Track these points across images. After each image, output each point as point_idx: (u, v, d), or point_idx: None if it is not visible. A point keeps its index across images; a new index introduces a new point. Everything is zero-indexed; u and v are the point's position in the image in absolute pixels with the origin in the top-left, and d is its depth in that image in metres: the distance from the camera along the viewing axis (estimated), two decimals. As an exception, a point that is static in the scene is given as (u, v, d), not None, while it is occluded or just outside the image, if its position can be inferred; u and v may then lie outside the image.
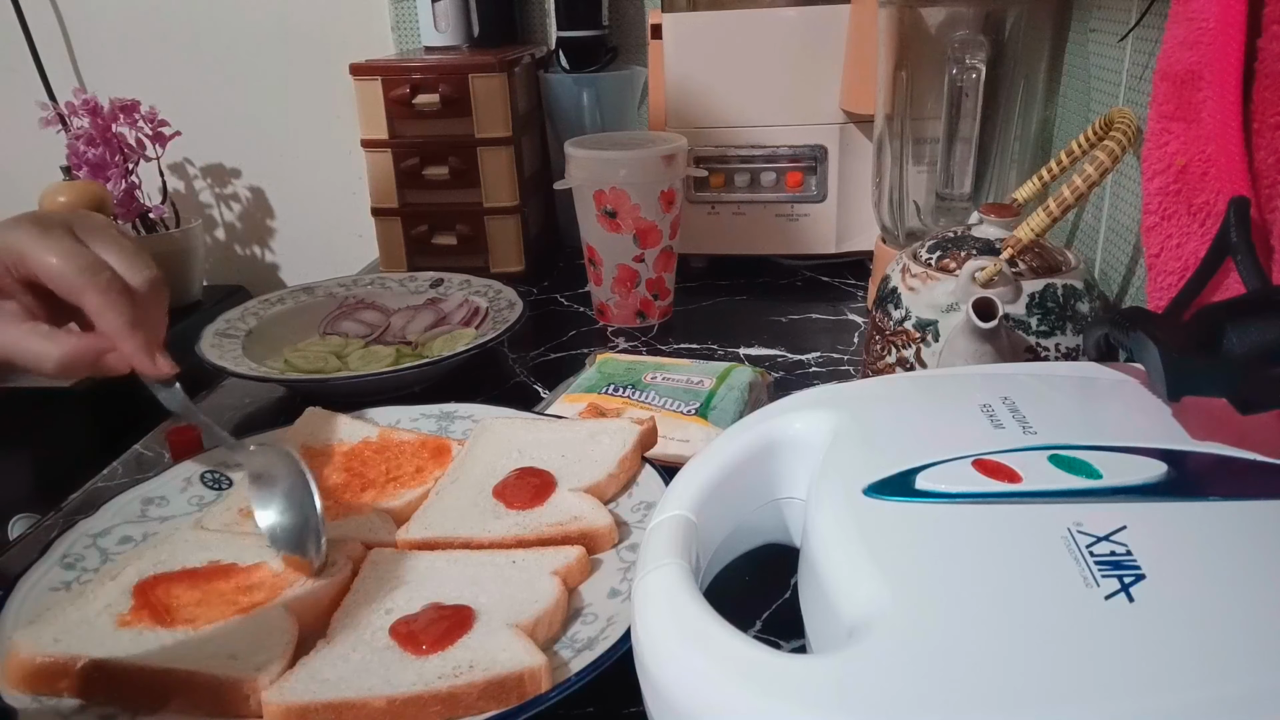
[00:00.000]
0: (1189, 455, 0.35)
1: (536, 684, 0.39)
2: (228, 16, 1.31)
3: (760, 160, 0.93)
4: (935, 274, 0.58)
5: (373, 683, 0.39)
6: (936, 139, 0.76)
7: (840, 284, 0.95)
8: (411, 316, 0.84)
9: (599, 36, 1.07)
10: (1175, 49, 0.48)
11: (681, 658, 0.30)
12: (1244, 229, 0.42)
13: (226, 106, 1.35)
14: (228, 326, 0.78)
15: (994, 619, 0.28)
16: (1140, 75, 0.62)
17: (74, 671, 0.40)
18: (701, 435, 0.59)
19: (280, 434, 0.60)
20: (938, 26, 0.74)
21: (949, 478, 0.34)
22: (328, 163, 1.35)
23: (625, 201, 0.80)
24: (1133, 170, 0.63)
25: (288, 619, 0.43)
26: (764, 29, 0.89)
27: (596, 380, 0.67)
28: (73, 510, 0.60)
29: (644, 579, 0.34)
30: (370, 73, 0.94)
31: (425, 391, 0.72)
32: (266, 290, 0.88)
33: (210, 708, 0.40)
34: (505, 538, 0.49)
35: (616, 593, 0.46)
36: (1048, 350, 0.55)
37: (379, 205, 0.99)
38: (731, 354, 0.79)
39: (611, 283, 0.84)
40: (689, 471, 0.40)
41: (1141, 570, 0.29)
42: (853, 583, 0.31)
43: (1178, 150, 0.48)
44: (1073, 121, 0.77)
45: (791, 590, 0.47)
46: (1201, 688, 0.25)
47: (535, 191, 1.05)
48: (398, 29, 1.24)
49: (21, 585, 0.47)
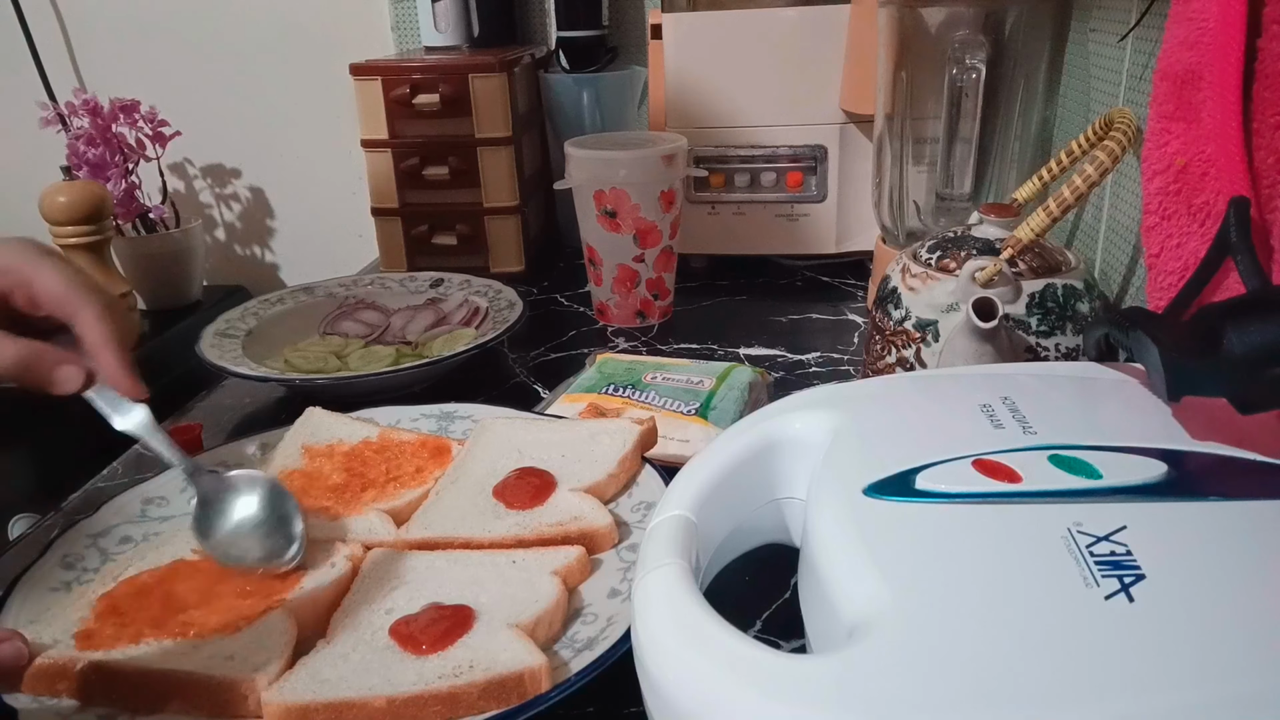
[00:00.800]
0: (1189, 455, 0.35)
1: (537, 684, 0.39)
2: (228, 16, 1.31)
3: (760, 160, 0.93)
4: (935, 274, 0.58)
5: (373, 682, 0.39)
6: (936, 139, 0.76)
7: (840, 284, 0.95)
8: (411, 316, 0.84)
9: (599, 36, 1.07)
10: (1175, 49, 0.48)
11: (681, 658, 0.30)
12: (1244, 229, 0.42)
13: (226, 106, 1.35)
14: (228, 326, 0.78)
15: (994, 619, 0.28)
16: (1140, 75, 0.62)
17: (73, 672, 0.40)
18: (701, 435, 0.59)
19: (282, 436, 0.60)
20: (938, 26, 0.74)
21: (949, 478, 0.34)
22: (328, 163, 1.35)
23: (625, 201, 0.80)
24: (1133, 170, 0.63)
25: (287, 619, 0.43)
26: (764, 29, 0.89)
27: (596, 380, 0.67)
28: (73, 510, 0.60)
29: (644, 579, 0.34)
30: (370, 73, 0.94)
31: (425, 391, 0.72)
32: (266, 290, 0.88)
33: (209, 708, 0.40)
34: (505, 538, 0.49)
35: (616, 593, 0.46)
36: (1048, 350, 0.55)
37: (379, 205, 0.99)
38: (731, 354, 0.79)
39: (611, 283, 0.84)
40: (689, 471, 0.40)
41: (1141, 570, 0.29)
42: (853, 583, 0.31)
43: (1178, 150, 0.48)
44: (1073, 121, 0.77)
45: (791, 590, 0.47)
46: (1201, 688, 0.25)
47: (535, 191, 1.05)
48: (398, 29, 1.24)
49: (21, 585, 0.47)
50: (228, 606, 0.45)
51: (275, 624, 0.43)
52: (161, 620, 0.43)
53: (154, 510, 0.54)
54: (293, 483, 0.55)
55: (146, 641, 0.42)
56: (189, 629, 0.43)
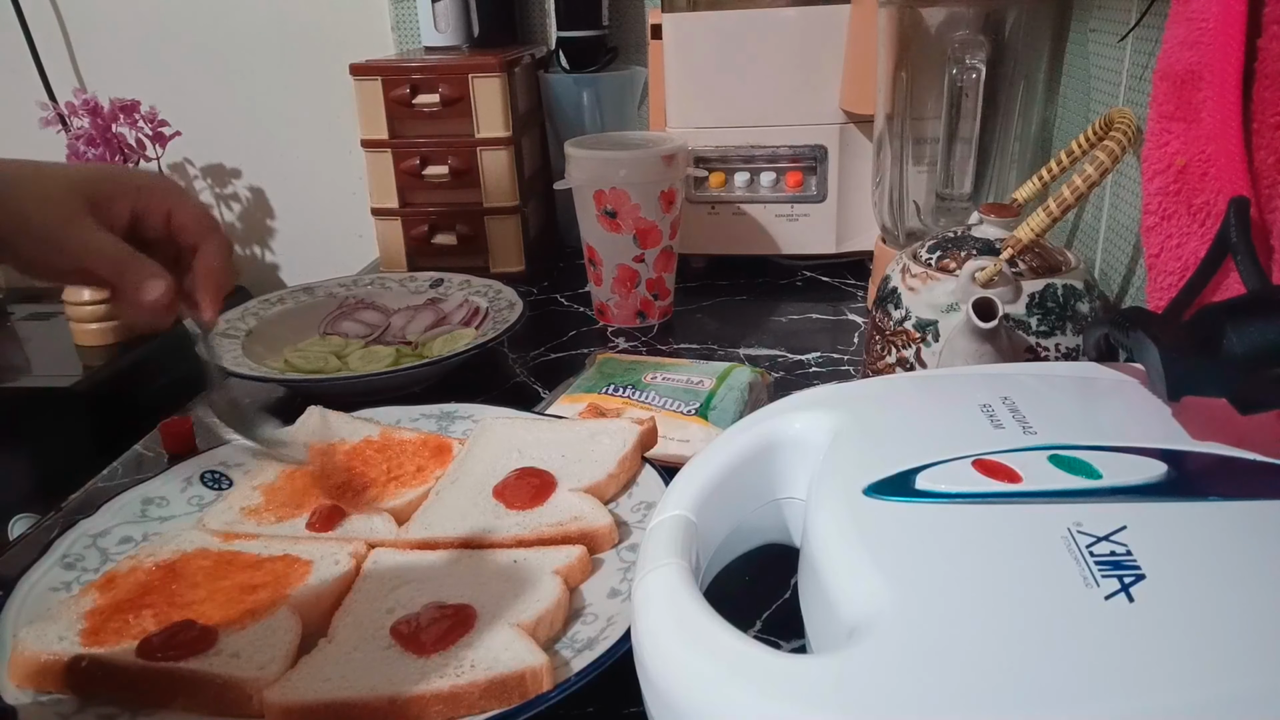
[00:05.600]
0: (1189, 455, 0.35)
1: (538, 683, 0.39)
2: (228, 17, 1.31)
3: (760, 160, 0.93)
4: (935, 274, 0.58)
5: (375, 682, 0.39)
6: (936, 139, 0.76)
7: (840, 284, 0.95)
8: (411, 316, 0.84)
9: (599, 36, 1.07)
10: (1175, 49, 0.48)
11: (681, 658, 0.30)
12: (1244, 229, 0.42)
13: (226, 106, 1.35)
14: (228, 326, 0.78)
15: (994, 619, 0.28)
16: (1140, 75, 0.62)
17: (78, 668, 0.40)
18: (701, 435, 0.59)
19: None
20: (938, 26, 0.74)
21: (949, 478, 0.34)
22: (328, 163, 1.35)
23: (625, 201, 0.80)
24: (1133, 170, 0.63)
25: (291, 618, 0.43)
26: (764, 29, 0.89)
27: (596, 380, 0.67)
28: (73, 510, 0.60)
29: (644, 579, 0.34)
30: (370, 73, 0.94)
31: (425, 391, 0.72)
32: (266, 290, 0.88)
33: (213, 707, 0.40)
34: (505, 538, 0.49)
35: (617, 593, 0.46)
36: (1048, 350, 0.55)
37: (379, 205, 0.99)
38: (731, 354, 0.79)
39: (611, 283, 0.84)
40: (689, 471, 0.40)
41: (1141, 570, 0.29)
42: (853, 583, 0.31)
43: (1178, 150, 0.48)
44: (1073, 121, 0.77)
45: (791, 590, 0.47)
46: (1201, 688, 0.25)
47: (535, 191, 1.05)
48: (398, 29, 1.24)
49: (21, 585, 0.47)
50: (232, 602, 0.45)
51: (280, 623, 0.43)
52: (166, 617, 0.44)
53: (154, 510, 0.54)
54: (295, 481, 0.55)
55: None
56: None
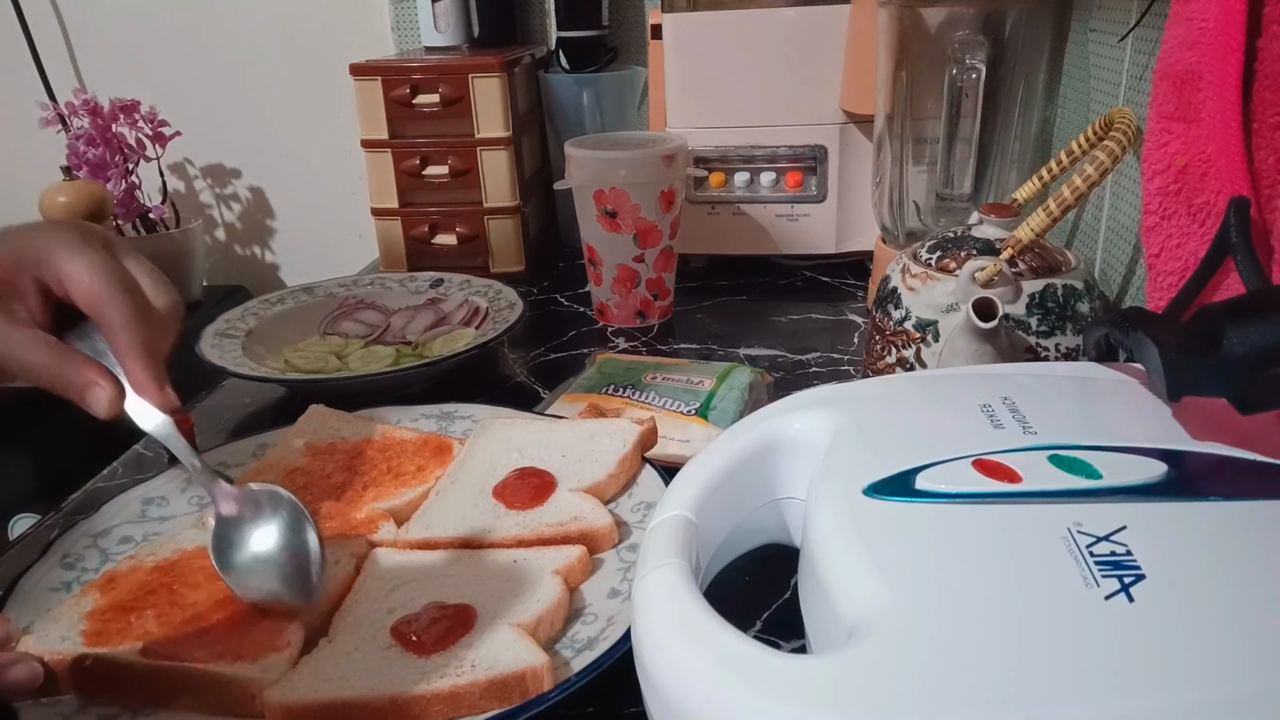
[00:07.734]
0: (1189, 455, 0.35)
1: (539, 683, 0.39)
2: (228, 17, 1.31)
3: (760, 160, 0.93)
4: (935, 274, 0.58)
5: (375, 682, 0.39)
6: (936, 139, 0.76)
7: (840, 284, 0.95)
8: (411, 316, 0.84)
9: (599, 36, 1.07)
10: (1175, 49, 0.48)
11: (681, 658, 0.30)
12: (1244, 229, 0.42)
13: (226, 106, 1.35)
14: (228, 326, 0.78)
15: (994, 619, 0.28)
16: (1140, 75, 0.62)
17: (81, 667, 0.40)
18: (701, 435, 0.59)
19: (283, 435, 0.60)
20: (938, 26, 0.74)
21: (949, 478, 0.34)
22: (328, 163, 1.35)
23: (625, 201, 0.80)
24: (1133, 170, 0.63)
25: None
26: (764, 29, 0.89)
27: (596, 380, 0.67)
28: (73, 510, 0.60)
29: (644, 579, 0.34)
30: (370, 73, 0.94)
31: (425, 391, 0.72)
32: (266, 290, 0.88)
33: (214, 706, 0.40)
34: (505, 538, 0.49)
35: (617, 593, 0.46)
36: (1048, 350, 0.55)
37: (379, 205, 0.99)
38: (731, 354, 0.79)
39: (611, 283, 0.84)
40: (689, 471, 0.40)
41: (1141, 570, 0.29)
42: (853, 583, 0.31)
43: (1178, 150, 0.48)
44: (1073, 121, 0.77)
45: (791, 590, 0.47)
46: (1201, 688, 0.25)
47: (535, 191, 1.05)
48: (398, 29, 1.24)
49: (21, 585, 0.47)
50: (232, 601, 0.45)
51: (279, 623, 0.43)
52: (168, 617, 0.44)
53: (154, 510, 0.54)
54: (294, 480, 0.55)
55: (153, 637, 0.42)
56: (196, 624, 0.43)
